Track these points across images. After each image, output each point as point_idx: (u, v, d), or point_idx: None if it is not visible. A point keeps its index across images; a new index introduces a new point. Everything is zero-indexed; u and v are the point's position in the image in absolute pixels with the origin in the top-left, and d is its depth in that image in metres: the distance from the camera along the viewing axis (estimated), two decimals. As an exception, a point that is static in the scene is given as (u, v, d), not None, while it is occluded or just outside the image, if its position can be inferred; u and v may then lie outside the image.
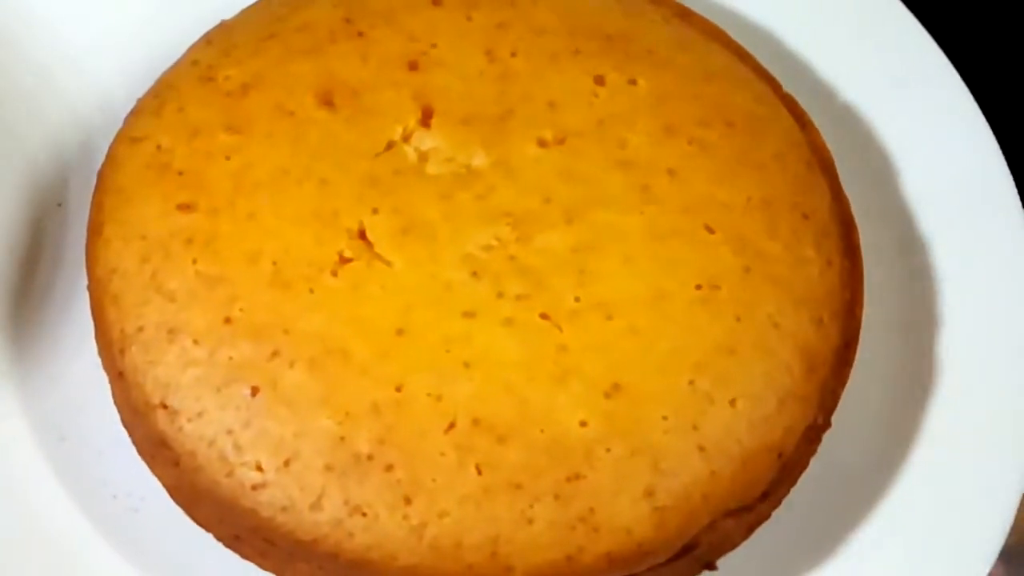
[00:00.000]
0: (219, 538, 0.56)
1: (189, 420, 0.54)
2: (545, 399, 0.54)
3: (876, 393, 0.61)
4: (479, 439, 0.53)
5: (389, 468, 0.53)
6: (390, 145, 0.58)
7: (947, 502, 0.59)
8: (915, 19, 0.65)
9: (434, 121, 0.58)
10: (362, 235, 0.56)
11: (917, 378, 0.61)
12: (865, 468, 0.60)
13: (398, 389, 0.53)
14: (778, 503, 0.57)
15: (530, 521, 0.53)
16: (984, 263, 0.62)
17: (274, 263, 0.55)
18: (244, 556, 0.56)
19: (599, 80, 0.59)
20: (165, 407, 0.54)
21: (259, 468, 0.53)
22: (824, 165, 0.61)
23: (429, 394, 0.53)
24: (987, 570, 0.58)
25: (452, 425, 0.53)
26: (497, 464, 0.53)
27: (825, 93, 0.65)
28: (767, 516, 0.57)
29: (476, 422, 0.53)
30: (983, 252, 0.62)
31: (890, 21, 0.65)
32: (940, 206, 0.63)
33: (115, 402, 0.58)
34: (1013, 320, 0.61)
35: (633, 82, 0.60)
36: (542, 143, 0.58)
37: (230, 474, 0.53)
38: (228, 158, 0.57)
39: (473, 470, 0.53)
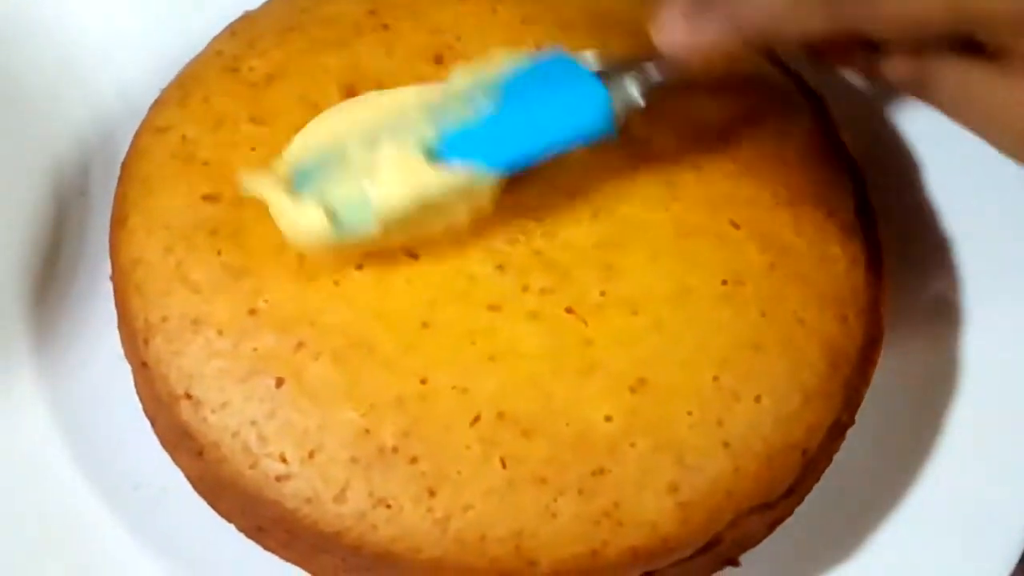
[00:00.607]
0: (242, 529, 0.56)
1: (213, 411, 0.54)
2: (570, 393, 0.53)
3: (900, 391, 0.61)
4: (504, 432, 0.53)
5: (414, 461, 0.52)
6: (415, 138, 0.58)
7: (969, 502, 0.59)
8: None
9: (459, 115, 0.58)
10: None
11: (941, 377, 0.61)
12: (888, 466, 0.60)
13: (423, 382, 0.53)
14: (801, 500, 0.57)
15: (554, 515, 0.53)
16: (1010, 263, 0.62)
17: (299, 255, 0.55)
18: (267, 548, 0.56)
19: (625, 75, 0.59)
20: (189, 397, 0.54)
21: (283, 459, 0.53)
22: (849, 162, 0.61)
23: (454, 387, 0.53)
24: (1008, 572, 0.57)
25: (477, 418, 0.53)
26: (522, 458, 0.53)
27: (850, 90, 0.65)
28: (790, 513, 0.57)
29: (501, 415, 0.53)
30: (1009, 252, 0.62)
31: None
32: (966, 205, 0.63)
33: (138, 392, 0.58)
34: (1038, 320, 0.61)
35: (659, 77, 0.60)
36: (567, 137, 0.58)
37: (254, 465, 0.53)
38: (253, 149, 0.57)
39: (498, 463, 0.53)
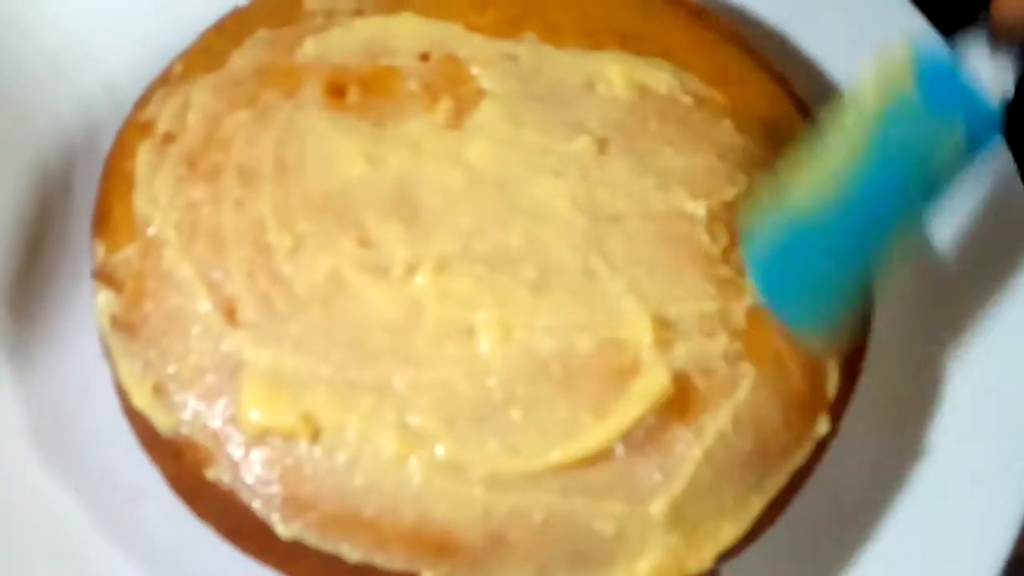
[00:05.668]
0: (219, 531, 0.56)
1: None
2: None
3: (884, 402, 0.60)
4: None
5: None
6: (399, 137, 0.57)
7: (952, 513, 0.59)
8: (927, 22, 0.65)
9: (446, 114, 0.58)
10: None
11: (926, 389, 0.61)
12: (871, 477, 0.60)
13: None
14: (783, 510, 0.57)
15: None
16: (999, 273, 0.62)
17: (282, 255, 0.55)
18: (244, 550, 0.56)
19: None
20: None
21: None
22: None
23: None
24: (993, 579, 0.57)
25: None
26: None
27: (838, 96, 0.65)
28: (771, 522, 0.57)
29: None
30: (998, 263, 0.62)
31: (903, 24, 0.65)
32: (955, 214, 0.62)
33: (116, 390, 0.58)
34: (1024, 332, 0.61)
35: (648, 82, 0.59)
36: (556, 142, 0.58)
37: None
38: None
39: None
